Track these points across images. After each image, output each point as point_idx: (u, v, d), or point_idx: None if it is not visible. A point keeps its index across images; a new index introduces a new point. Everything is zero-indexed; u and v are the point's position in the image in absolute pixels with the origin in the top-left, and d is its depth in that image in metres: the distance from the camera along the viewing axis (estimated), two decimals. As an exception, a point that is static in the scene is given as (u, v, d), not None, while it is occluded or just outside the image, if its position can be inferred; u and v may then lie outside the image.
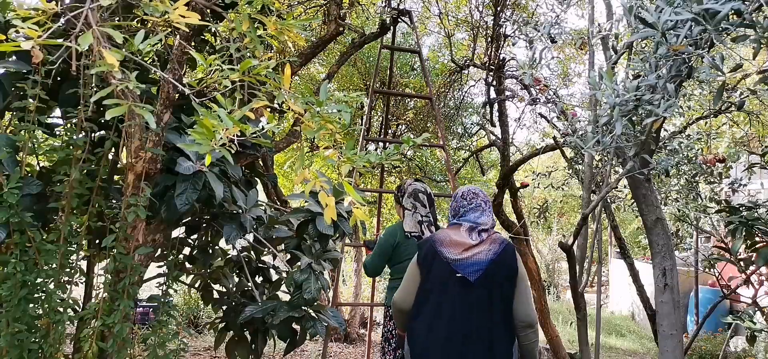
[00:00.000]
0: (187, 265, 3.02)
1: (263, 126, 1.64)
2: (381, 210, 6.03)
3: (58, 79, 2.41)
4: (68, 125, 2.45)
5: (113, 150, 2.54)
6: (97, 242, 2.59)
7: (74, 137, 2.31)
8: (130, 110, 1.61)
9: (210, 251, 3.00)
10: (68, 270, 2.32)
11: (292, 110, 1.68)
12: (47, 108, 2.40)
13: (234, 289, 3.07)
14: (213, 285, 3.11)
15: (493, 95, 5.87)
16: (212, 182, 2.41)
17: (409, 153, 7.18)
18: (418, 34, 5.47)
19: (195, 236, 2.98)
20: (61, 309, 2.26)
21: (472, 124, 7.39)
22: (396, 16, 4.81)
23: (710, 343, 6.75)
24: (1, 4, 2.12)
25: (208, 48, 2.99)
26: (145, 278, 2.58)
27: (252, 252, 3.20)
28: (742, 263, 3.44)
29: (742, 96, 4.52)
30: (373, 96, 5.44)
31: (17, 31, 1.43)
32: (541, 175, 5.81)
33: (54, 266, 2.23)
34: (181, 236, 2.86)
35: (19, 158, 2.20)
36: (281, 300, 2.88)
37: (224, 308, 3.00)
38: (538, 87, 5.13)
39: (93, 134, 2.42)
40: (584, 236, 3.76)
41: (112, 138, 2.42)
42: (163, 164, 2.44)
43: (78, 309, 2.42)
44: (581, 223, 3.26)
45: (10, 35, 1.48)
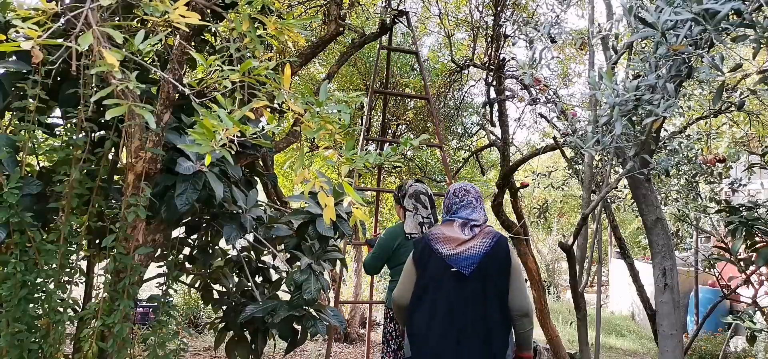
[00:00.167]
0: (187, 265, 3.02)
1: (263, 126, 1.64)
2: (379, 210, 6.03)
3: (58, 79, 2.41)
4: (68, 125, 2.45)
5: (113, 150, 2.53)
6: (97, 242, 2.59)
7: (74, 137, 2.31)
8: (130, 110, 1.61)
9: (210, 251, 3.00)
10: (68, 269, 2.32)
11: (292, 110, 1.68)
12: (47, 108, 2.40)
13: (234, 289, 3.07)
14: (213, 285, 3.11)
15: (493, 94, 5.87)
16: (212, 182, 2.41)
17: (409, 153, 7.18)
18: (416, 35, 5.47)
19: (195, 236, 2.98)
20: (61, 309, 2.26)
21: (472, 124, 7.39)
22: (394, 17, 4.81)
23: (710, 343, 6.75)
24: (1, 4, 2.12)
25: (208, 48, 2.99)
26: (145, 278, 2.58)
27: (252, 252, 3.20)
28: (742, 263, 3.44)
29: (742, 96, 4.51)
30: (372, 96, 5.44)
31: (17, 31, 1.43)
32: (541, 175, 5.81)
33: (54, 266, 2.23)
34: (181, 236, 2.86)
35: (19, 158, 2.20)
36: (281, 300, 2.88)
37: (224, 308, 3.00)
38: (538, 87, 5.13)
39: (93, 134, 2.42)
40: (584, 236, 3.76)
41: (112, 138, 2.41)
42: (163, 164, 2.44)
43: (78, 309, 2.42)
44: (581, 223, 3.26)
45: (10, 35, 1.48)
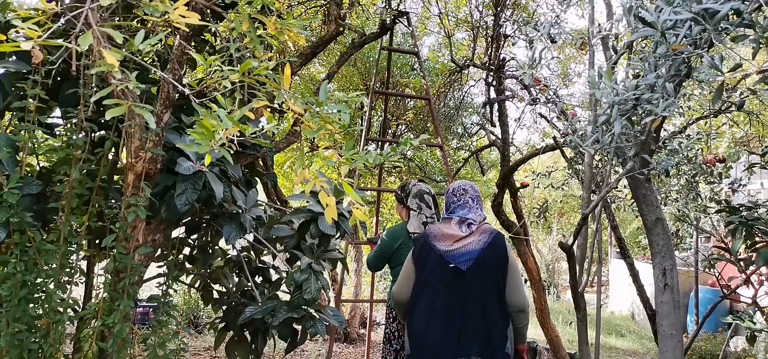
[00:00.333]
0: (187, 265, 3.01)
1: (263, 126, 1.64)
2: (380, 210, 6.03)
3: (58, 79, 2.41)
4: (68, 125, 2.45)
5: (113, 150, 2.53)
6: (97, 242, 2.58)
7: (74, 137, 2.30)
8: (130, 110, 1.62)
9: (210, 251, 3.00)
10: (68, 269, 2.31)
11: (292, 110, 1.68)
12: (47, 108, 2.40)
13: (234, 289, 3.07)
14: (213, 285, 3.11)
15: (493, 94, 5.87)
16: (212, 182, 2.41)
17: (409, 153, 7.18)
18: (416, 36, 5.47)
19: (195, 236, 2.97)
20: (61, 309, 2.25)
21: (472, 124, 7.39)
22: (394, 17, 4.81)
23: (710, 343, 6.75)
24: (1, 5, 2.12)
25: (208, 48, 2.99)
26: (145, 278, 2.58)
27: (252, 252, 3.19)
28: (742, 263, 3.44)
29: (742, 96, 4.52)
30: (373, 96, 5.44)
31: (17, 31, 1.42)
32: (541, 175, 5.81)
33: (54, 266, 2.23)
34: (181, 236, 2.86)
35: (19, 158, 2.20)
36: (281, 300, 2.88)
37: (224, 308, 3.00)
38: (538, 87, 5.14)
39: (93, 134, 2.42)
40: (584, 236, 3.77)
41: (112, 138, 2.41)
42: (163, 164, 2.44)
43: (78, 309, 2.42)
44: (581, 223, 3.26)
45: (10, 35, 1.48)
